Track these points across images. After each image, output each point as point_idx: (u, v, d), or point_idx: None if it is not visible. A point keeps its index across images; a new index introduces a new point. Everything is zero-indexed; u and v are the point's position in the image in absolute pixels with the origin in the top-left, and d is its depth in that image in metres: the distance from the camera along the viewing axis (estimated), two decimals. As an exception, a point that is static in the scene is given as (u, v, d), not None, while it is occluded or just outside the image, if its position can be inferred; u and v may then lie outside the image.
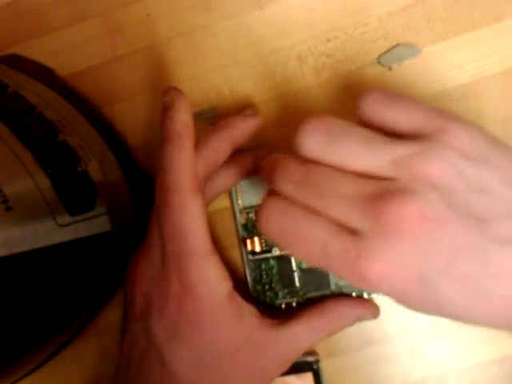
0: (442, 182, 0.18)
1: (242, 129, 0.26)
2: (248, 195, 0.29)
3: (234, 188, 0.29)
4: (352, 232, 0.19)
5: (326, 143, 0.20)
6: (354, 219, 0.19)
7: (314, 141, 0.20)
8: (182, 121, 0.24)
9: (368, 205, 0.18)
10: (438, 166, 0.18)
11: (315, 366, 0.28)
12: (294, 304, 0.28)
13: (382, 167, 0.19)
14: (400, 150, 0.19)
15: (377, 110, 0.21)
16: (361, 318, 0.27)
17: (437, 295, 0.18)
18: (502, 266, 0.18)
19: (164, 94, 0.25)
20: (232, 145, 0.26)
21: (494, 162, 0.19)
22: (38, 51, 0.31)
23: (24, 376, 0.29)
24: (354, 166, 0.19)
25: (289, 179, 0.20)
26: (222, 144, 0.25)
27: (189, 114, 0.24)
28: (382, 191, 0.18)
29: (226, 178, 0.27)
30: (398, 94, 0.21)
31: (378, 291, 0.19)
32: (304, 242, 0.20)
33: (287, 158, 0.21)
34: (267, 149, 0.28)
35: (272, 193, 0.21)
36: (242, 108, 0.29)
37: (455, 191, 0.18)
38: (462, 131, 0.19)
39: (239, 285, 0.25)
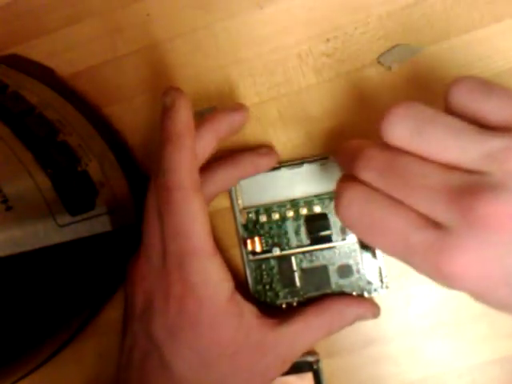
0: None
1: (227, 122, 0.26)
2: (248, 195, 0.29)
3: (234, 188, 0.29)
4: (436, 225, 0.18)
5: (415, 131, 0.19)
6: (440, 212, 0.18)
7: (403, 128, 0.19)
8: (183, 121, 0.24)
9: (456, 198, 0.17)
10: None
11: (315, 366, 0.28)
12: (295, 304, 0.28)
13: (472, 159, 0.18)
14: (494, 142, 0.18)
15: (470, 98, 0.20)
16: (361, 318, 0.27)
17: None
18: None
19: (164, 94, 0.25)
20: (216, 138, 0.25)
21: None
22: (38, 51, 0.31)
23: (24, 376, 0.29)
24: (442, 156, 0.18)
25: (372, 166, 0.20)
26: (206, 136, 0.25)
27: (189, 114, 0.24)
28: (471, 185, 0.17)
29: (226, 178, 0.27)
30: (492, 83, 0.20)
31: (459, 288, 0.18)
32: (385, 231, 0.19)
33: (371, 144, 0.20)
34: (267, 149, 0.28)
35: (351, 178, 0.20)
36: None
37: None
38: None
39: (240, 285, 0.25)
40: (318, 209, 0.28)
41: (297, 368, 0.27)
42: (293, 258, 0.28)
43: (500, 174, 0.17)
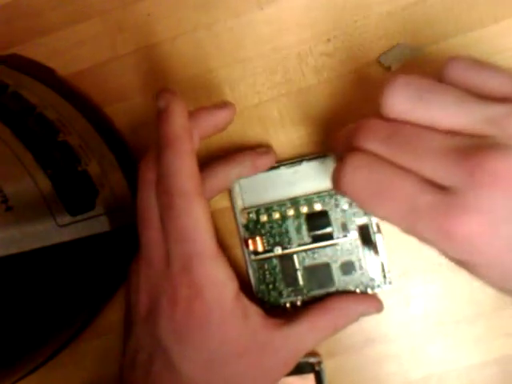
0: None
1: (210, 120, 0.26)
2: (248, 195, 0.29)
3: (233, 188, 0.29)
4: (443, 188, 0.18)
5: (417, 99, 0.19)
6: (445, 174, 0.18)
7: (403, 97, 0.19)
8: (179, 124, 0.24)
9: (460, 158, 0.17)
10: None
11: (317, 368, 0.28)
12: (299, 303, 0.28)
13: (474, 124, 0.18)
14: (496, 108, 0.18)
15: (465, 74, 0.20)
16: (365, 314, 0.27)
17: None
18: None
19: (158, 98, 0.24)
20: (199, 135, 0.25)
21: None
22: (38, 51, 0.31)
23: (24, 376, 0.29)
24: (445, 122, 0.19)
25: (375, 135, 0.20)
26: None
27: (185, 116, 0.24)
28: (476, 146, 0.18)
29: (224, 177, 0.27)
30: (486, 62, 0.20)
31: (462, 252, 0.18)
32: (391, 196, 0.19)
33: (371, 118, 0.20)
34: (265, 148, 0.28)
35: (355, 150, 0.20)
36: (243, 108, 0.29)
37: None
38: None
39: (243, 285, 0.25)
40: (318, 206, 0.28)
41: (299, 369, 0.27)
42: (295, 257, 0.28)
43: (502, 135, 0.18)
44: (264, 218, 0.28)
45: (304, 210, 0.28)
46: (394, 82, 0.20)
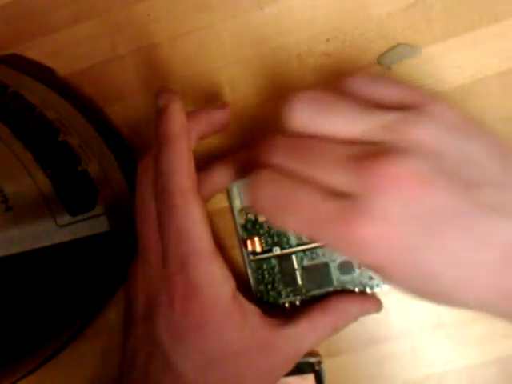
0: (429, 145, 0.18)
1: (207, 120, 0.26)
2: (246, 196, 0.29)
3: (231, 189, 0.29)
4: (343, 195, 0.18)
5: (314, 111, 0.20)
6: (344, 181, 0.18)
7: (302, 110, 0.20)
8: (178, 123, 0.24)
9: (356, 165, 0.18)
10: (425, 131, 0.19)
11: (317, 368, 0.28)
12: (298, 302, 0.28)
13: (370, 131, 0.19)
14: (389, 115, 0.19)
15: (361, 87, 0.21)
16: (364, 313, 0.27)
17: (423, 265, 0.18)
18: (489, 234, 0.18)
19: (157, 97, 0.24)
20: (196, 136, 0.26)
21: (476, 136, 0.19)
22: (38, 51, 0.31)
23: (24, 376, 0.29)
24: (342, 132, 0.19)
25: (277, 151, 0.20)
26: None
27: (184, 116, 0.24)
28: (370, 152, 0.18)
29: (222, 177, 0.27)
30: (378, 76, 0.22)
31: (366, 256, 0.18)
32: (296, 207, 0.19)
33: (273, 136, 0.21)
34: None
35: (261, 167, 0.21)
36: (243, 107, 0.29)
37: (442, 156, 0.18)
38: (445, 105, 0.20)
39: (241, 286, 0.25)
40: (316, 207, 0.28)
41: (299, 369, 0.27)
42: (293, 257, 0.28)
43: (397, 141, 0.18)
44: (262, 217, 0.28)
45: None
46: (293, 98, 0.20)
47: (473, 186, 0.18)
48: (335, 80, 0.22)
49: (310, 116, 0.20)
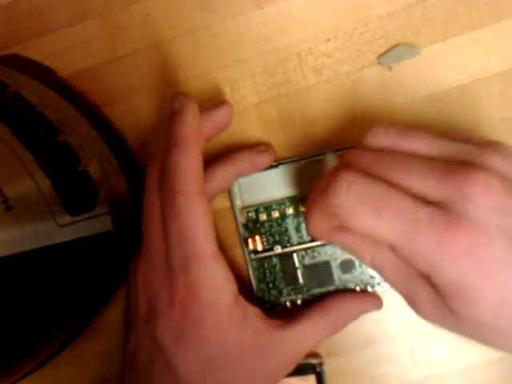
0: (505, 171, 0.19)
1: (212, 120, 0.26)
2: (247, 194, 0.29)
3: (232, 188, 0.29)
4: (439, 203, 0.19)
5: (400, 133, 0.21)
6: (434, 189, 0.19)
7: (386, 133, 0.21)
8: (191, 125, 0.24)
9: (448, 172, 0.19)
10: (499, 159, 0.19)
11: (318, 369, 0.28)
12: (299, 301, 0.28)
13: (454, 153, 0.20)
14: (467, 146, 0.20)
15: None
16: (364, 312, 0.27)
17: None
18: None
19: (173, 100, 0.25)
20: (203, 136, 0.26)
21: None
22: (38, 51, 0.31)
23: (24, 376, 0.29)
24: (426, 150, 0.20)
25: (363, 157, 0.21)
26: None
27: (198, 119, 0.25)
28: (459, 162, 0.19)
29: (223, 177, 0.27)
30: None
31: (459, 267, 0.18)
32: (390, 210, 0.19)
33: (355, 149, 0.22)
34: (264, 146, 0.28)
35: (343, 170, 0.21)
36: (243, 107, 0.29)
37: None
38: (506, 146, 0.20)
39: (243, 284, 0.25)
40: (317, 205, 0.28)
41: (300, 370, 0.27)
42: (295, 255, 0.28)
43: (476, 163, 0.19)
44: (263, 216, 0.28)
45: (303, 208, 0.28)
46: (375, 127, 0.22)
47: None
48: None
49: (393, 138, 0.21)
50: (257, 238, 0.28)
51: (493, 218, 0.18)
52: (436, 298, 0.20)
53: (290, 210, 0.28)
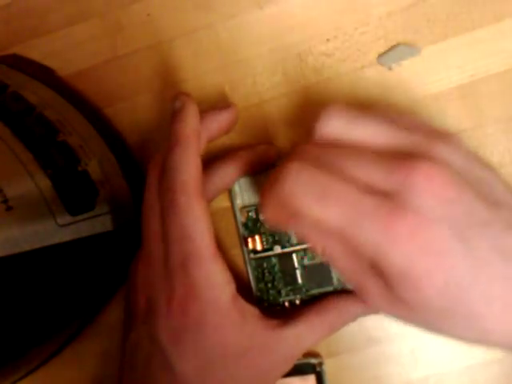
0: (454, 161, 0.19)
1: (216, 122, 0.27)
2: (248, 194, 0.29)
3: (233, 187, 0.29)
4: (380, 193, 0.19)
5: (351, 119, 0.21)
6: (381, 179, 0.19)
7: (338, 119, 0.21)
8: (192, 125, 0.24)
9: (394, 163, 0.19)
10: (450, 150, 0.20)
11: (318, 369, 0.28)
12: (298, 301, 0.28)
13: (399, 144, 0.20)
14: (417, 135, 0.20)
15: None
16: (362, 314, 0.27)
17: (473, 252, 0.18)
18: None
19: (174, 99, 0.25)
20: (206, 138, 0.26)
21: (485, 164, 0.21)
22: (38, 51, 0.31)
23: (24, 376, 0.29)
24: (375, 140, 0.20)
25: (310, 150, 0.21)
26: None
27: (198, 119, 0.25)
28: (406, 154, 0.19)
29: (224, 177, 0.27)
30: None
31: (403, 252, 0.18)
32: (336, 198, 0.19)
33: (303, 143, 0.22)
34: (265, 146, 0.28)
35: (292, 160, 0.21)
36: (243, 107, 0.29)
37: (465, 173, 0.19)
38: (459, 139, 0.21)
39: (241, 284, 0.25)
40: (317, 206, 0.28)
41: (300, 370, 0.27)
42: (294, 256, 0.28)
43: (425, 152, 0.19)
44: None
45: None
46: (327, 108, 0.21)
47: (493, 203, 0.19)
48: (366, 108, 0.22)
49: (343, 124, 0.21)
50: (256, 237, 0.28)
51: (436, 206, 0.18)
52: (386, 289, 0.20)
53: (290, 210, 0.28)
